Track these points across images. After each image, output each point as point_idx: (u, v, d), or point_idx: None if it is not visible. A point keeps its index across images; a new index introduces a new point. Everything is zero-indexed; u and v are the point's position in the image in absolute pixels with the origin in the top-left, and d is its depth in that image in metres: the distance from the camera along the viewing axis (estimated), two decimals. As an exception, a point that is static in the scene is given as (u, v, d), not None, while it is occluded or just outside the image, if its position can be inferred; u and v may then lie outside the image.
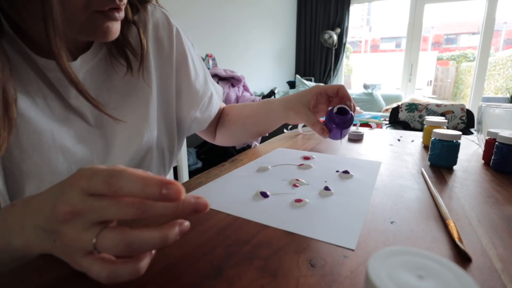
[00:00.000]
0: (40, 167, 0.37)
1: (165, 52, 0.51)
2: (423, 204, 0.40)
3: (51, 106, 0.39)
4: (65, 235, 0.21)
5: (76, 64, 0.40)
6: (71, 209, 0.21)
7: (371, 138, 0.82)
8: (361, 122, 2.17)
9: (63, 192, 0.22)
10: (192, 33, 2.26)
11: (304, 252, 0.29)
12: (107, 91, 0.44)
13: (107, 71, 0.44)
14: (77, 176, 0.22)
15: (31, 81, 0.37)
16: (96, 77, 0.43)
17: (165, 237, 0.21)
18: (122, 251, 0.21)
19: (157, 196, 0.20)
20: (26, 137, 0.36)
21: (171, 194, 0.20)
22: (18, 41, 0.36)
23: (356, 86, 5.06)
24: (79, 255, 0.21)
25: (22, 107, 0.35)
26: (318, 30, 3.91)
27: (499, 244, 0.31)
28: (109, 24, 0.36)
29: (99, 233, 0.21)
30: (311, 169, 0.55)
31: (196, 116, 0.57)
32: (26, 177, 0.36)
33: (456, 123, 2.11)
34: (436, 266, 0.17)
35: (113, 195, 0.21)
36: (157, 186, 0.20)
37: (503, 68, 4.45)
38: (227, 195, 0.43)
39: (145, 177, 0.21)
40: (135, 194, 0.21)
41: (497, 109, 0.61)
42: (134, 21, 0.45)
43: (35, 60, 0.37)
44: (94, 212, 0.21)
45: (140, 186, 0.20)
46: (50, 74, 0.38)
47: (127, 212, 0.21)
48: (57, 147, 0.38)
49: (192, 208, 0.22)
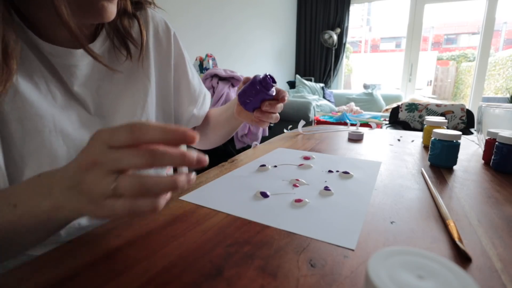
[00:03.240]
0: (41, 151, 0.38)
1: (163, 51, 0.53)
2: (423, 204, 0.40)
3: (53, 92, 0.40)
4: (88, 183, 0.24)
5: (79, 53, 0.42)
6: (93, 159, 0.24)
7: (371, 138, 0.82)
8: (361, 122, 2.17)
9: (86, 147, 0.25)
10: (192, 33, 2.26)
11: (304, 252, 0.29)
12: (109, 81, 0.46)
13: (110, 63, 0.46)
14: (99, 132, 0.25)
15: (35, 67, 0.38)
16: (100, 68, 0.44)
17: (174, 181, 0.24)
18: (139, 190, 0.23)
19: (176, 139, 0.24)
20: (28, 120, 0.37)
21: (189, 136, 0.24)
22: (24, 28, 0.37)
23: (356, 86, 5.06)
24: (102, 198, 0.24)
25: (25, 91, 0.36)
26: (318, 30, 3.91)
27: (499, 244, 0.31)
28: (104, 3, 0.37)
29: (117, 178, 0.23)
30: (311, 169, 0.55)
31: (194, 113, 0.61)
32: (26, 160, 0.37)
33: (456, 123, 2.11)
34: (436, 266, 0.17)
35: (135, 143, 0.23)
36: (175, 132, 0.24)
37: (503, 68, 4.45)
38: (227, 195, 0.43)
39: (164, 125, 0.24)
40: (156, 140, 0.23)
41: (497, 109, 0.61)
42: (135, 14, 0.47)
43: (41, 46, 0.38)
44: (112, 162, 0.23)
45: (160, 132, 0.23)
46: (54, 60, 0.40)
47: (141, 161, 0.23)
48: (57, 131, 0.39)
49: (197, 159, 0.25)
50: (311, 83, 3.56)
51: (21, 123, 0.36)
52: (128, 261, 0.28)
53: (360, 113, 3.12)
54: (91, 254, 0.29)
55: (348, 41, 4.01)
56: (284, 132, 0.90)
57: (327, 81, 4.01)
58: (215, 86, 2.10)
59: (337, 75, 4.06)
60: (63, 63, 0.40)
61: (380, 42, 7.01)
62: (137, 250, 0.30)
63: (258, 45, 3.21)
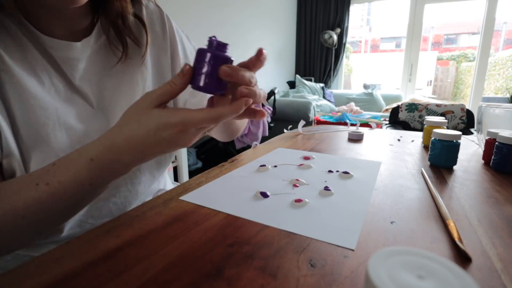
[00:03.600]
0: (46, 142, 0.38)
1: (159, 37, 0.52)
2: (423, 204, 0.40)
3: (56, 85, 0.40)
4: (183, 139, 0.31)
5: (78, 46, 0.42)
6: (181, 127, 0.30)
7: (371, 138, 0.82)
8: (361, 122, 2.17)
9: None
10: (192, 33, 2.26)
11: (304, 252, 0.29)
12: (108, 74, 0.46)
13: (107, 57, 0.46)
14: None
15: (37, 61, 0.39)
16: (98, 63, 0.45)
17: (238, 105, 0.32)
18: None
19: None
20: (33, 112, 0.37)
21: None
22: (24, 21, 0.38)
23: (356, 86, 5.06)
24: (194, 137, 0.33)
25: (28, 85, 0.37)
26: (318, 30, 3.91)
27: (499, 244, 0.31)
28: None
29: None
30: (311, 169, 0.55)
31: (192, 102, 0.56)
32: (31, 153, 0.37)
33: (456, 123, 2.11)
34: (436, 266, 0.17)
35: None
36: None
37: (503, 68, 4.45)
38: (227, 195, 0.43)
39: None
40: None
41: (497, 109, 0.61)
42: (134, 12, 0.47)
43: (42, 40, 0.39)
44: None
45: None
46: (55, 53, 0.40)
47: None
48: (61, 124, 0.40)
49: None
50: (311, 83, 3.56)
51: (26, 115, 0.37)
52: (128, 261, 0.28)
53: (360, 113, 3.12)
54: (91, 254, 0.29)
55: (348, 41, 4.01)
56: (284, 132, 0.90)
57: (327, 81, 4.01)
58: (215, 86, 2.09)
59: (337, 75, 4.06)
60: (63, 57, 0.41)
61: (380, 42, 7.01)
62: (137, 250, 0.30)
63: (258, 45, 3.21)
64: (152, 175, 0.53)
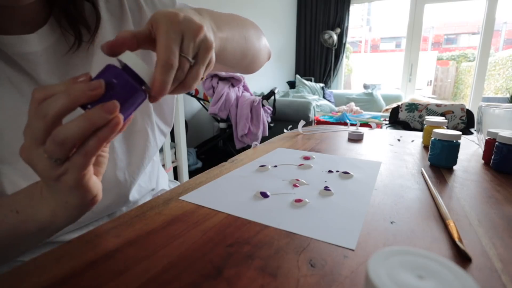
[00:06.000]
0: (13, 147, 0.36)
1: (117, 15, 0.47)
2: (423, 204, 0.40)
3: (18, 86, 0.38)
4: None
5: (34, 37, 0.38)
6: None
7: (371, 138, 0.82)
8: (361, 122, 2.17)
9: None
10: (192, 33, 2.26)
11: (304, 252, 0.29)
12: (74, 64, 0.43)
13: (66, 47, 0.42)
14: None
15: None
16: (59, 55, 0.41)
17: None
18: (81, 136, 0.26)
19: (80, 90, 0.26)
20: (2, 122, 0.36)
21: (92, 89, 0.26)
22: None
23: (356, 86, 5.06)
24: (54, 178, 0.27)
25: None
26: (318, 30, 3.91)
27: (499, 244, 0.31)
28: None
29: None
30: (311, 169, 0.55)
31: None
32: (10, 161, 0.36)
33: (456, 123, 2.11)
34: (436, 266, 0.17)
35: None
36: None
37: (503, 68, 4.45)
38: (227, 195, 0.43)
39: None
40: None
41: (497, 109, 0.61)
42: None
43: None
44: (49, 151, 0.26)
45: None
46: (10, 50, 0.37)
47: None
48: None
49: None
50: (311, 83, 3.56)
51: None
52: (128, 261, 0.28)
53: (360, 113, 3.12)
54: (91, 254, 0.29)
55: (348, 41, 4.01)
56: (284, 132, 0.90)
57: (327, 81, 4.01)
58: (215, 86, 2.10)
59: (337, 75, 4.06)
60: (20, 52, 0.37)
61: (380, 42, 7.01)
62: (137, 250, 0.30)
63: (258, 45, 3.20)
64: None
